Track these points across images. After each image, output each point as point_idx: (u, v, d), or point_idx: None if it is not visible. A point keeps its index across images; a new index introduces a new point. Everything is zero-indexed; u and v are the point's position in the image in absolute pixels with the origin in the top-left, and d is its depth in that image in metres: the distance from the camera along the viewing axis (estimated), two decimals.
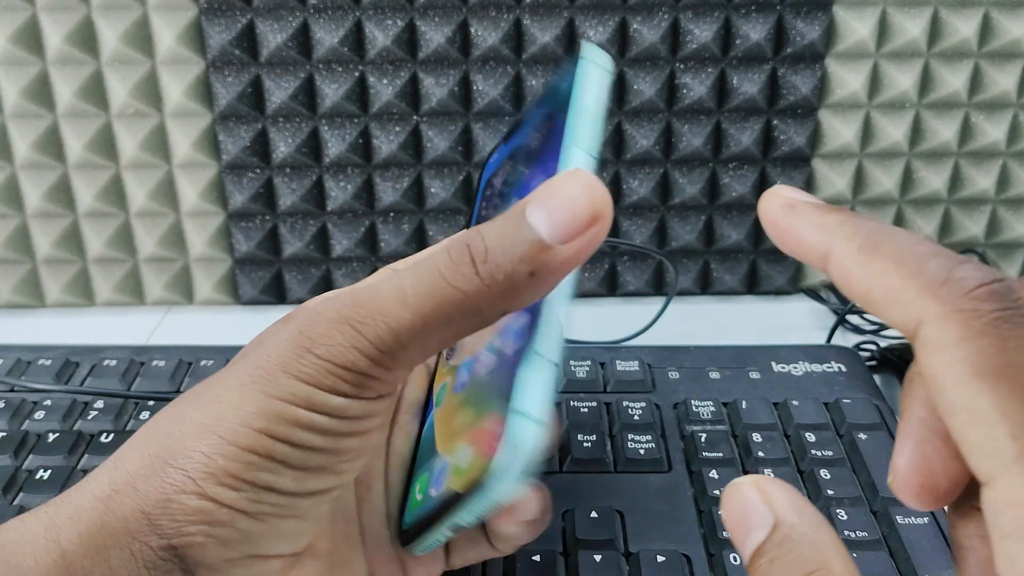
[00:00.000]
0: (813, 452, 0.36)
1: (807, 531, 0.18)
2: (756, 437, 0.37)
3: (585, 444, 0.37)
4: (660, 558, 0.31)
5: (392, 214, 0.52)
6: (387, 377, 0.22)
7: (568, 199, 0.20)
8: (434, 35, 0.48)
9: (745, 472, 0.35)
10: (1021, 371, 0.16)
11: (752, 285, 0.55)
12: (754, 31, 0.49)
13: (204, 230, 0.52)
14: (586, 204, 0.20)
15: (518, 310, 0.21)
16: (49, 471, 0.36)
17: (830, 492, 0.34)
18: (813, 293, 0.54)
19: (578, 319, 0.49)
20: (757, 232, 0.53)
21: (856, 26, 0.49)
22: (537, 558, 0.31)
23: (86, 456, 0.37)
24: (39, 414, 0.39)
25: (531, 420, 0.20)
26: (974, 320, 0.16)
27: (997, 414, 0.15)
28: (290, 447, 0.21)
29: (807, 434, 0.37)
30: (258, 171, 0.51)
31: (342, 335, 0.21)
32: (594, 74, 0.24)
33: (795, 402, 0.39)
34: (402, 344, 0.21)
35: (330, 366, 0.21)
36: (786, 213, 0.20)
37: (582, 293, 0.54)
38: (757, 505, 0.18)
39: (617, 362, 0.42)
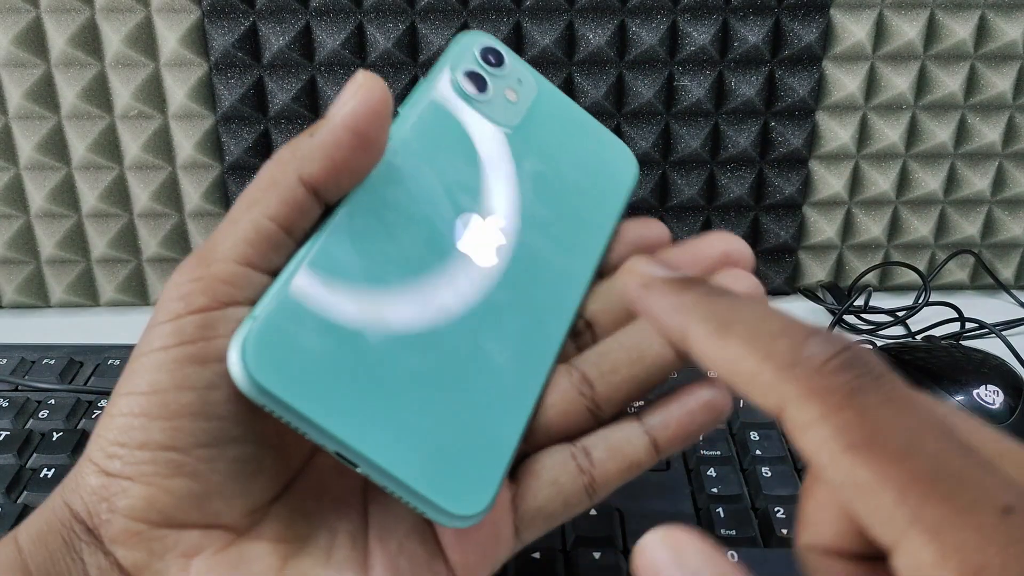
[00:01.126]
0: None
1: None
2: (754, 435, 0.37)
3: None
4: None
5: None
6: (207, 273, 0.23)
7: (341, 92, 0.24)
8: (435, 38, 0.49)
9: (743, 471, 0.36)
10: (888, 435, 0.16)
11: None
12: (752, 33, 0.49)
13: (207, 231, 0.52)
14: (351, 83, 0.24)
15: (318, 177, 0.23)
16: (53, 470, 0.36)
17: None
18: (810, 293, 0.54)
19: None
20: (755, 233, 0.54)
21: (853, 28, 0.49)
22: (536, 556, 0.32)
23: None
24: (43, 413, 0.39)
25: (252, 318, 0.22)
26: (830, 396, 0.16)
27: (878, 483, 0.15)
28: (147, 396, 0.22)
29: None
30: None
31: (176, 270, 0.23)
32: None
33: None
34: (218, 240, 0.23)
35: (163, 296, 0.23)
36: (643, 293, 0.21)
37: None
38: (669, 566, 0.17)
39: None
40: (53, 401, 0.40)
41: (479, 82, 0.28)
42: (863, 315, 0.52)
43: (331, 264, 0.23)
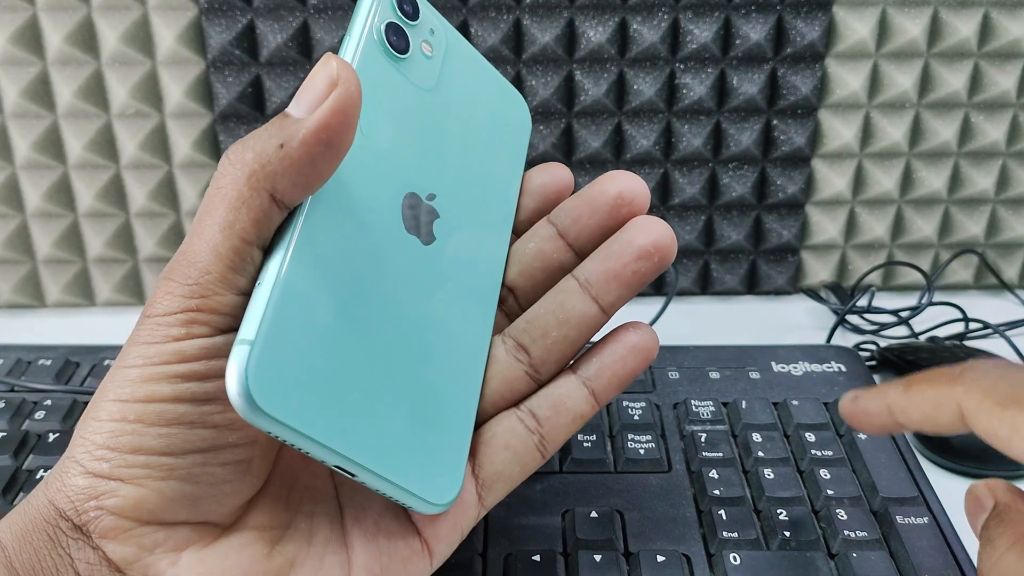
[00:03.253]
0: (813, 452, 0.36)
1: (1016, 503, 0.25)
2: (756, 437, 0.37)
3: (585, 444, 0.37)
4: (660, 558, 0.31)
5: None
6: (205, 305, 0.22)
7: (309, 78, 0.23)
8: None
9: (745, 473, 0.36)
10: None
11: (752, 285, 0.55)
12: (754, 31, 0.49)
13: None
14: (322, 75, 0.22)
15: (288, 192, 0.23)
16: (49, 471, 0.36)
17: (830, 492, 0.34)
18: (813, 293, 0.54)
19: None
20: (757, 232, 0.53)
21: (856, 26, 0.49)
22: (537, 558, 0.31)
23: None
24: (39, 414, 0.39)
25: (245, 343, 0.21)
26: None
27: None
28: (143, 404, 0.22)
29: (807, 434, 0.37)
30: None
31: (159, 290, 0.23)
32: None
33: (795, 402, 0.39)
34: (204, 269, 0.22)
35: (156, 319, 0.23)
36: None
37: None
38: (984, 494, 0.26)
39: None
40: (49, 402, 0.40)
41: (401, 39, 0.27)
42: (866, 315, 0.51)
43: (304, 281, 0.23)
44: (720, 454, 0.36)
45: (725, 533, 0.32)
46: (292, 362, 0.22)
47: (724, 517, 0.33)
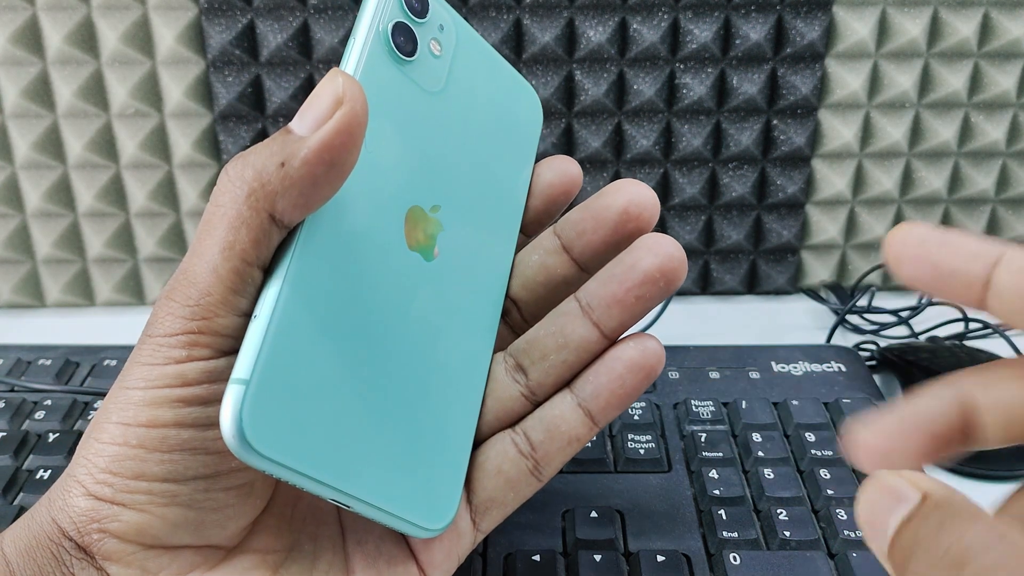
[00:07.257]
0: (813, 452, 0.36)
1: (959, 499, 0.17)
2: (756, 437, 0.37)
3: (585, 444, 0.37)
4: (660, 558, 0.31)
5: None
6: (207, 327, 0.22)
7: (314, 94, 0.22)
8: None
9: (745, 472, 0.36)
10: None
11: (752, 285, 0.55)
12: (754, 31, 0.49)
13: None
14: (328, 91, 0.22)
15: (287, 212, 0.22)
16: (49, 471, 0.36)
17: (830, 492, 0.34)
18: (813, 293, 0.54)
19: None
20: (757, 232, 0.53)
21: (856, 26, 0.49)
22: (537, 558, 0.31)
23: None
24: (39, 414, 0.39)
25: (239, 383, 0.21)
26: None
27: None
28: (145, 429, 0.22)
29: (807, 434, 0.37)
30: None
31: (160, 309, 0.22)
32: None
33: (795, 402, 0.39)
34: (205, 291, 0.22)
35: (158, 340, 0.22)
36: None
37: None
38: (903, 485, 0.18)
39: None
40: (49, 402, 0.40)
41: (408, 41, 0.26)
42: (866, 315, 0.51)
43: (300, 313, 0.22)
44: (720, 454, 0.36)
45: (725, 533, 0.32)
46: (287, 401, 0.21)
47: (724, 517, 0.33)
